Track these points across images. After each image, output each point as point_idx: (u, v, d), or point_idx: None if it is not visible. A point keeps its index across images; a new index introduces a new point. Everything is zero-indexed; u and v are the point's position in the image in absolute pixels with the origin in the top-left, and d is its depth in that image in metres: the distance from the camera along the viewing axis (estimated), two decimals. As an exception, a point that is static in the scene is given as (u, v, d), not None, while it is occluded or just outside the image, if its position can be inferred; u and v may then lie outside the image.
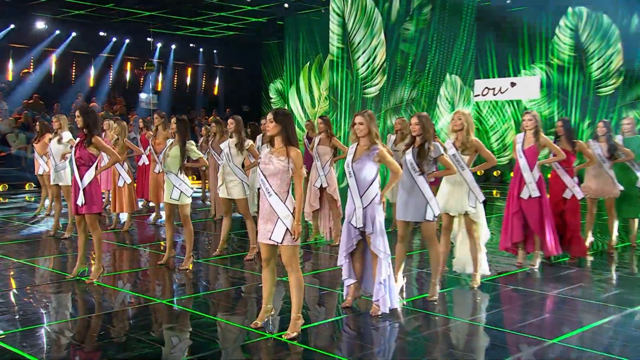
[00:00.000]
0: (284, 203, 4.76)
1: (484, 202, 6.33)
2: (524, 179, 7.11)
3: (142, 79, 22.05)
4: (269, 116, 4.89)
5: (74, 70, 20.72)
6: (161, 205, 10.00)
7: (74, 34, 20.00)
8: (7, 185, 15.27)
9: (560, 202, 7.49)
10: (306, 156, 12.01)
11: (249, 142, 7.68)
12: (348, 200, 5.39)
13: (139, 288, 6.48)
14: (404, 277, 6.09)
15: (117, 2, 17.37)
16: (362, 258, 5.56)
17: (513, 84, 15.98)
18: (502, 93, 16.00)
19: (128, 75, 21.95)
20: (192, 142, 7.22)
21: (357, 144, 5.38)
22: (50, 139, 9.22)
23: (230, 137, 7.73)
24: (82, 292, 6.20)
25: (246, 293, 6.23)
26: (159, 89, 22.42)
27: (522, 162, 7.10)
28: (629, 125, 8.42)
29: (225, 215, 7.91)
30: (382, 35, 13.96)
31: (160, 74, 22.43)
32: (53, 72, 20.37)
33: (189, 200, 7.19)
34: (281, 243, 4.75)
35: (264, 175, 4.82)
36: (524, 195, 7.13)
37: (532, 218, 7.13)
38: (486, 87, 15.93)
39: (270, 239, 4.77)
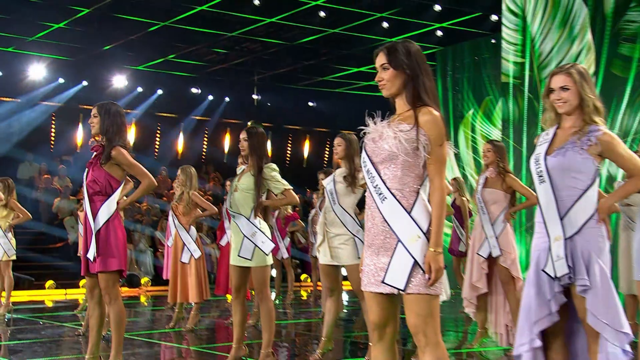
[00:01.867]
0: (410, 213, 3.46)
1: None
2: None
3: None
4: (379, 59, 3.64)
5: (158, 137, 21.00)
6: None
7: (159, 91, 20.38)
8: (54, 283, 14.99)
9: None
10: (454, 237, 10.54)
11: (366, 175, 6.38)
12: (536, 230, 4.10)
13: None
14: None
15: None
16: (565, 344, 4.09)
17: None
18: None
19: (227, 144, 21.88)
20: (274, 166, 6.05)
21: (557, 127, 4.17)
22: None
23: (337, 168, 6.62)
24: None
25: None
26: (267, 159, 22.19)
27: None
28: None
29: (330, 295, 6.60)
30: (589, 36, 12.19)
31: (269, 141, 22.16)
32: (132, 140, 20.66)
33: (269, 261, 6.03)
34: (404, 291, 3.42)
35: (371, 162, 3.61)
36: None
37: None
38: None
39: (383, 282, 3.46)
